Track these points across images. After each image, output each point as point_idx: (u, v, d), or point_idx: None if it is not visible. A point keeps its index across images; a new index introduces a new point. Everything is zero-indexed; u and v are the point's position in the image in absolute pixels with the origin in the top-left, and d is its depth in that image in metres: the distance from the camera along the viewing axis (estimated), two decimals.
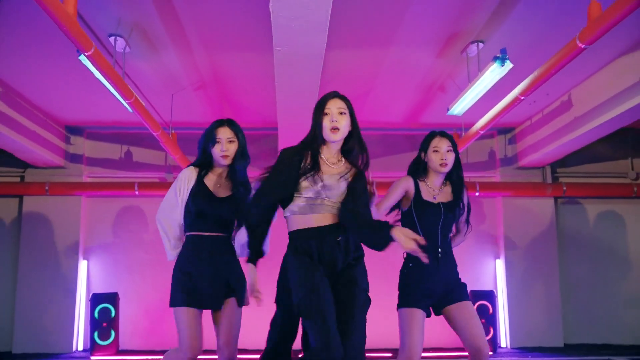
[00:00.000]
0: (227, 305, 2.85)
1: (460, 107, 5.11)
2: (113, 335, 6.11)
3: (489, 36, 4.47)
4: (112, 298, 6.22)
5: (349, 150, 2.60)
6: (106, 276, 6.77)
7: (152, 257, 6.72)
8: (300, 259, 2.47)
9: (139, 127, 6.19)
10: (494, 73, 4.35)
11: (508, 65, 4.23)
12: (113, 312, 6.16)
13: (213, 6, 3.97)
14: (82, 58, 3.86)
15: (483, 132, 5.37)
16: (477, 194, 6.68)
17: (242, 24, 4.25)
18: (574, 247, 6.95)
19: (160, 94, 5.65)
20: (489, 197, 6.95)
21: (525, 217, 6.85)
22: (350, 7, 3.93)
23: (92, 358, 6.03)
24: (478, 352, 2.80)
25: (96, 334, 6.08)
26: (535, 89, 4.35)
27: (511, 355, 6.22)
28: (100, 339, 6.08)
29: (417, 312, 2.84)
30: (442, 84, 5.50)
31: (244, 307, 2.95)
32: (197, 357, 2.78)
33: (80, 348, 6.59)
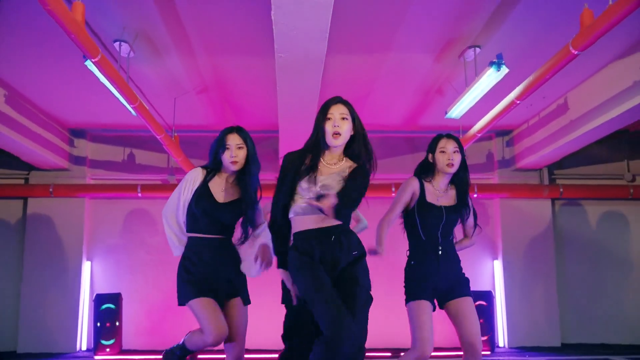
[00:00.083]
0: (232, 305, 2.91)
1: (458, 110, 5.19)
2: (116, 335, 6.18)
3: (485, 41, 4.55)
4: (115, 298, 6.29)
5: (355, 155, 2.63)
6: (109, 277, 6.84)
7: (154, 258, 6.80)
8: (301, 258, 2.52)
9: (142, 130, 6.27)
10: (490, 77, 4.44)
11: (504, 70, 4.31)
12: (116, 313, 6.22)
13: (215, 12, 4.05)
14: (89, 64, 3.94)
15: (480, 135, 5.46)
16: (475, 195, 6.72)
17: (243, 29, 4.32)
18: (571, 248, 7.01)
19: (163, 98, 5.71)
20: (487, 198, 7.01)
21: (523, 219, 6.91)
22: (350, 13, 4.00)
23: (96, 357, 6.10)
24: (472, 348, 2.88)
25: (100, 333, 6.15)
26: (530, 93, 4.43)
27: (509, 354, 6.29)
28: (103, 338, 6.14)
29: (424, 303, 2.92)
30: (440, 87, 5.58)
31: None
32: (222, 341, 2.78)
33: (84, 348, 6.67)
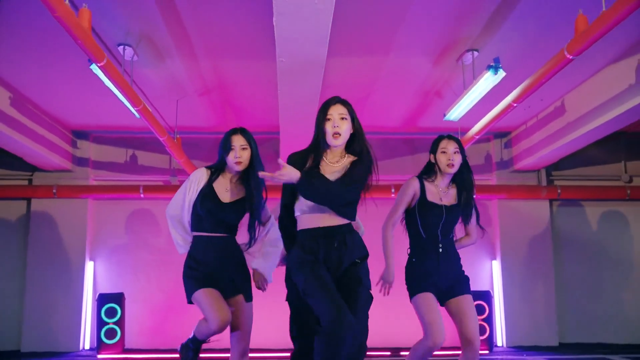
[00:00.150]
0: (236, 302, 2.97)
1: (456, 112, 5.25)
2: (119, 334, 6.24)
3: (483, 45, 4.61)
4: (118, 298, 6.35)
5: (357, 152, 2.69)
6: (112, 277, 6.90)
7: (156, 258, 6.86)
8: (302, 256, 2.57)
9: (144, 132, 6.32)
10: (487, 81, 4.50)
11: (501, 74, 4.38)
12: (119, 312, 6.29)
13: (217, 16, 4.12)
14: (94, 67, 4.00)
15: (478, 137, 5.52)
16: (474, 196, 6.75)
17: (244, 32, 4.38)
18: (568, 248, 7.06)
19: (166, 100, 5.77)
20: (485, 199, 7.07)
21: (521, 219, 6.96)
22: (350, 16, 4.07)
23: (99, 357, 6.17)
24: (469, 344, 2.95)
25: (102, 333, 6.21)
26: (527, 96, 4.50)
27: (507, 353, 6.35)
28: (106, 338, 6.21)
29: (429, 295, 2.99)
30: (439, 90, 5.64)
31: None
32: (226, 327, 2.85)
33: (87, 347, 6.73)
